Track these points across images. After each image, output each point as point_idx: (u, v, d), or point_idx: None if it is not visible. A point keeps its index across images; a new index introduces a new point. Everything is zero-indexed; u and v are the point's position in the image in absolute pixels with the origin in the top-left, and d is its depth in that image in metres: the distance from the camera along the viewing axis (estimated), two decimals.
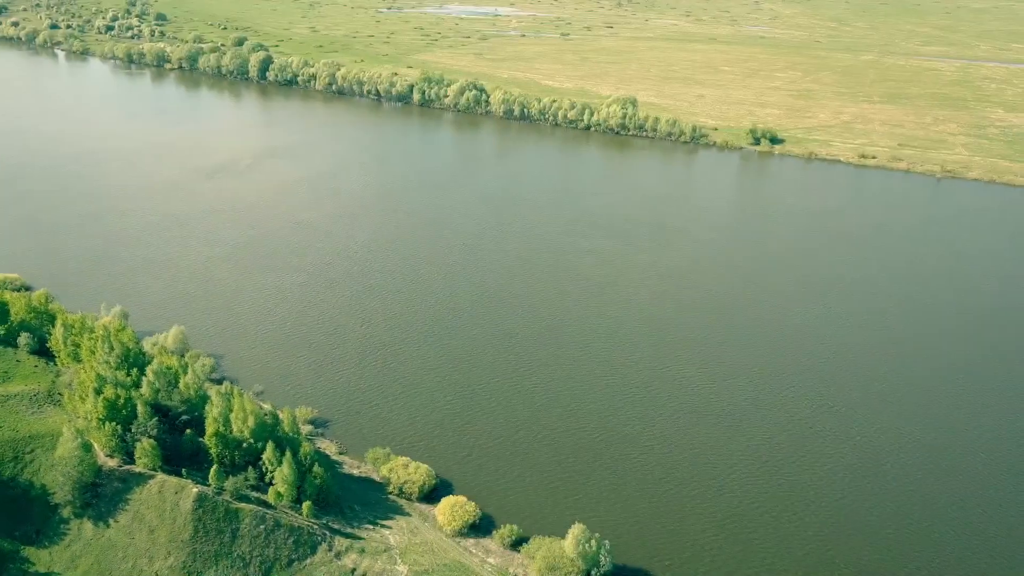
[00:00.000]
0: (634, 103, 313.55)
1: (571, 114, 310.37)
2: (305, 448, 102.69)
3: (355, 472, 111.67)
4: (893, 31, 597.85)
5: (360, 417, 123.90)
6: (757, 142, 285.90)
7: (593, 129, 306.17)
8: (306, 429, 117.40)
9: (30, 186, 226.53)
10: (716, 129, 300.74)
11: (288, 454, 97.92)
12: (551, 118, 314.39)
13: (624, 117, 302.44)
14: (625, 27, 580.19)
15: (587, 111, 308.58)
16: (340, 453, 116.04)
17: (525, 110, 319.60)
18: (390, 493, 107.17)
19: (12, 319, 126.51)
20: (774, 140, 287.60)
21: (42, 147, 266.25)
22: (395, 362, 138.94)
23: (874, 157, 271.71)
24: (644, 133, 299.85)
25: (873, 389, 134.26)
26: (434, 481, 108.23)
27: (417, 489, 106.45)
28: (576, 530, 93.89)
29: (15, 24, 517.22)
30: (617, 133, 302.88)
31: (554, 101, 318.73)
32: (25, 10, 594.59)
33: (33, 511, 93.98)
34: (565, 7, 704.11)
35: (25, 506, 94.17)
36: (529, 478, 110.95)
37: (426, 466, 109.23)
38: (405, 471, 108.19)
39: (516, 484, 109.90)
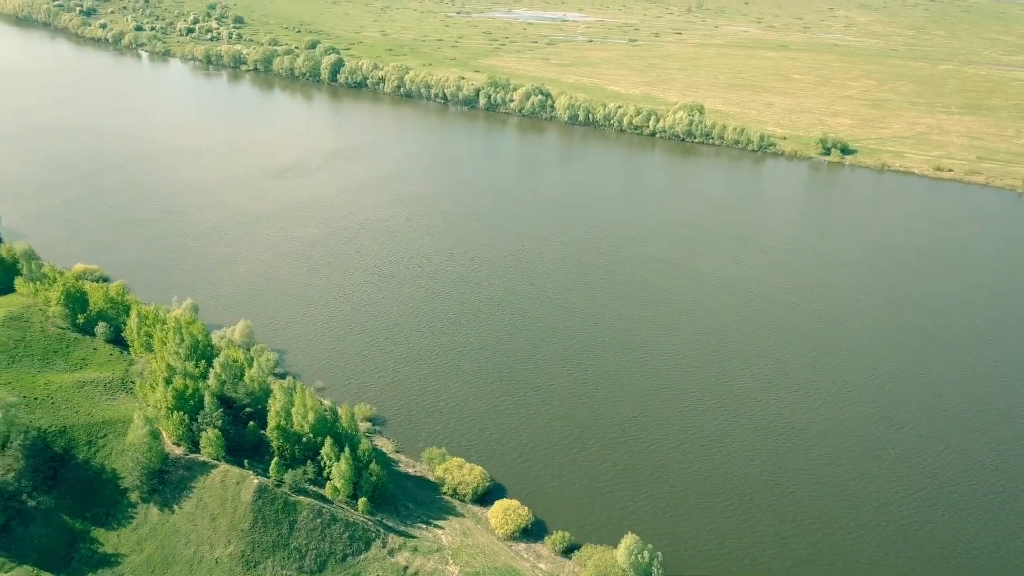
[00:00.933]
0: (701, 110, 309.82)
1: (636, 120, 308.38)
2: (363, 445, 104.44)
3: (410, 471, 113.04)
4: (974, 40, 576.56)
5: (417, 416, 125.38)
6: (827, 152, 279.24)
7: (658, 136, 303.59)
8: (364, 426, 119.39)
9: (113, 181, 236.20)
10: (785, 138, 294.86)
11: (346, 450, 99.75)
12: (616, 124, 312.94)
13: (690, 124, 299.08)
14: (694, 33, 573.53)
15: (652, 117, 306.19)
16: (396, 451, 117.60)
17: (590, 115, 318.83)
18: (444, 493, 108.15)
19: (91, 309, 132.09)
20: (845, 150, 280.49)
21: (125, 144, 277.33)
22: (454, 363, 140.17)
23: (951, 170, 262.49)
24: (710, 141, 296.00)
25: (944, 411, 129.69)
26: (488, 483, 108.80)
27: (471, 491, 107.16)
28: (629, 540, 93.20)
29: (103, 26, 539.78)
30: (682, 140, 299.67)
31: (619, 107, 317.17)
32: (112, 12, 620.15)
33: (104, 494, 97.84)
34: (633, 13, 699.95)
35: (97, 488, 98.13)
36: (583, 485, 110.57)
37: (480, 468, 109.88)
38: (460, 472, 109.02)
39: (569, 490, 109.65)
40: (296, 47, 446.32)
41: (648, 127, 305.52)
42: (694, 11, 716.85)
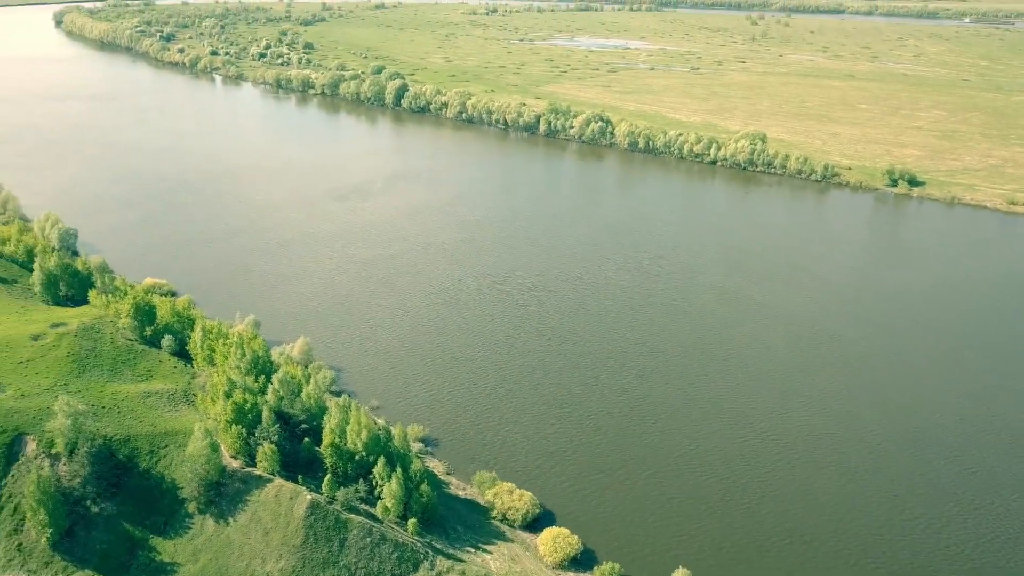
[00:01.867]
0: (763, 139, 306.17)
1: (697, 148, 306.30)
2: (415, 465, 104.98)
3: (460, 494, 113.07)
4: None
5: (469, 439, 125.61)
6: (894, 184, 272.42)
7: (719, 164, 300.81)
8: (416, 447, 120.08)
9: (184, 199, 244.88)
10: (850, 168, 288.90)
11: (398, 470, 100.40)
12: (676, 151, 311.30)
13: (752, 153, 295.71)
14: (758, 62, 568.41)
15: (714, 145, 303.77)
16: (447, 473, 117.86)
17: (650, 142, 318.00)
18: (493, 518, 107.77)
19: (158, 322, 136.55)
20: (913, 182, 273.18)
21: (198, 164, 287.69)
22: (508, 387, 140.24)
23: None
24: (772, 170, 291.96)
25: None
26: (538, 510, 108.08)
27: (520, 516, 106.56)
28: (679, 575, 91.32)
29: (181, 51, 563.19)
30: (744, 169, 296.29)
31: (680, 134, 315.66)
32: (190, 38, 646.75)
33: (163, 503, 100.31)
34: (696, 41, 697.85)
35: (157, 497, 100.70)
36: (634, 516, 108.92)
37: (530, 494, 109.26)
38: (510, 497, 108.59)
39: (620, 521, 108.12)
40: (362, 72, 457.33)
41: (709, 155, 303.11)
42: (758, 40, 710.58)
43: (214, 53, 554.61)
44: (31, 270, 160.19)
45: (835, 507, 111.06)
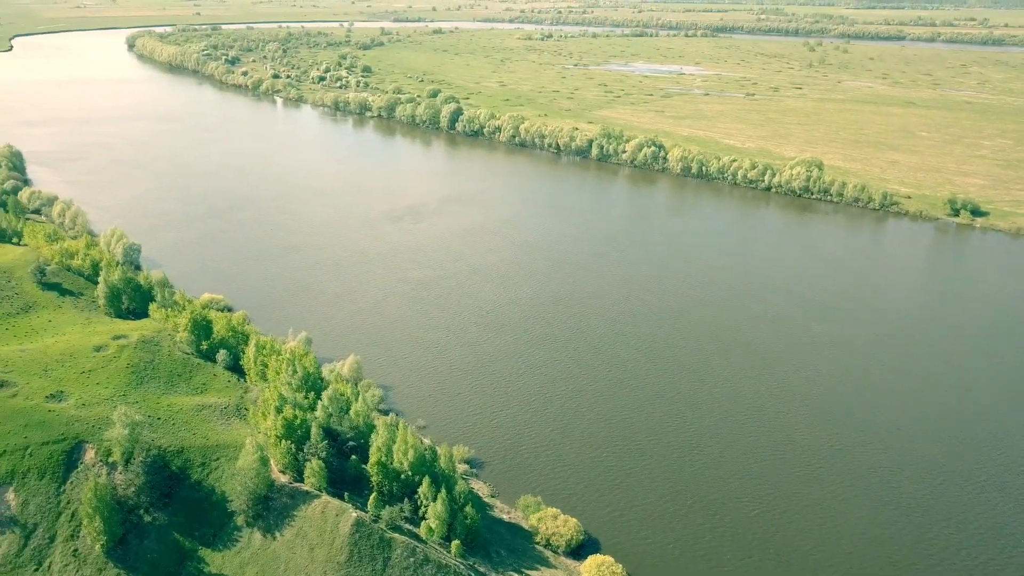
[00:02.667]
0: (820, 166, 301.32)
1: (751, 174, 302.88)
2: (460, 487, 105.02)
3: (504, 517, 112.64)
4: None
5: (515, 462, 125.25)
6: (956, 213, 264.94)
7: (774, 190, 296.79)
8: (462, 468, 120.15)
9: (244, 217, 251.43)
10: (909, 197, 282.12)
11: (443, 491, 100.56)
12: (730, 177, 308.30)
13: (808, 180, 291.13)
14: (815, 88, 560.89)
15: (768, 172, 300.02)
16: (492, 496, 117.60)
17: (703, 168, 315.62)
18: (537, 543, 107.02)
19: (214, 337, 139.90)
20: (976, 212, 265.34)
21: (257, 183, 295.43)
22: (554, 411, 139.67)
23: None
24: (828, 197, 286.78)
25: None
26: (582, 537, 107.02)
27: (564, 543, 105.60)
28: None
29: (244, 74, 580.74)
30: (799, 196, 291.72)
31: (734, 160, 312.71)
32: (254, 61, 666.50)
33: (212, 515, 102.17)
34: (752, 67, 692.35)
35: (207, 509, 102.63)
36: (681, 547, 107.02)
37: (575, 520, 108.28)
38: (554, 523, 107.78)
39: (667, 551, 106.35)
40: (418, 96, 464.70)
41: (763, 181, 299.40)
42: (815, 66, 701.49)
43: (276, 76, 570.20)
44: (96, 283, 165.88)
45: (894, 548, 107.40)
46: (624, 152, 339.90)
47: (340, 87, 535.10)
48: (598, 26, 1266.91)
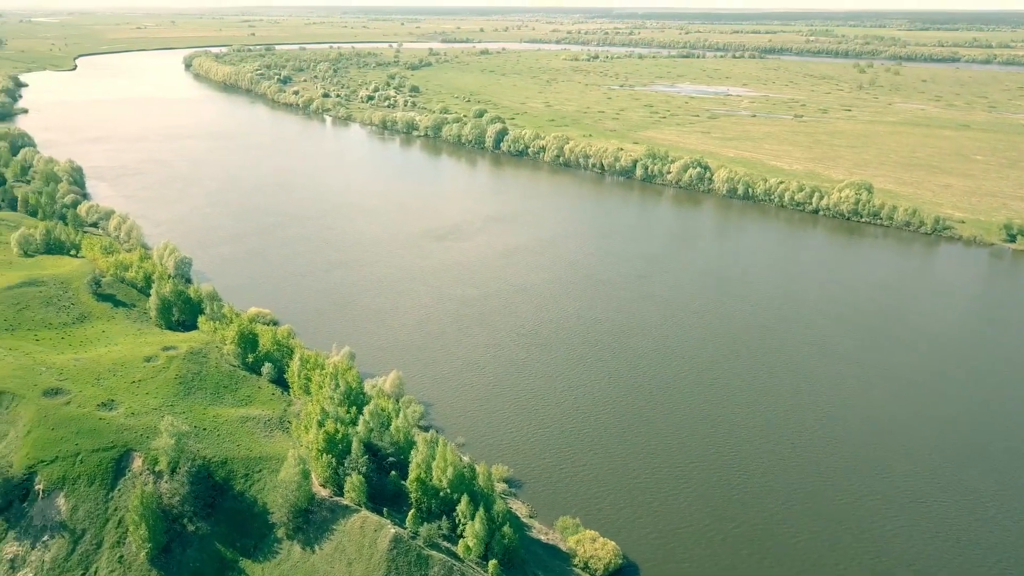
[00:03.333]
0: (869, 189, 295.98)
1: (799, 196, 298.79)
2: (498, 506, 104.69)
3: (542, 538, 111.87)
4: None
5: (554, 483, 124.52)
6: (1012, 239, 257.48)
7: (821, 213, 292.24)
8: (500, 487, 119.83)
9: (292, 233, 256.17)
10: (963, 222, 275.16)
11: (481, 509, 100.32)
12: (776, 199, 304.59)
13: (857, 203, 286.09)
14: (865, 110, 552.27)
15: (816, 194, 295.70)
16: (530, 516, 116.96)
17: (749, 190, 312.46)
18: (575, 566, 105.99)
19: (260, 349, 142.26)
20: None
21: (306, 200, 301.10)
22: (595, 432, 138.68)
23: None
24: (878, 221, 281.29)
25: None
26: (620, 560, 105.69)
27: (603, 566, 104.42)
28: None
29: (295, 93, 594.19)
30: (848, 219, 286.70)
31: (781, 182, 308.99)
32: (305, 81, 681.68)
33: (253, 526, 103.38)
34: (800, 88, 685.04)
35: (248, 520, 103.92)
36: (722, 575, 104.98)
37: (613, 544, 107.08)
38: (592, 545, 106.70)
39: None
40: (464, 116, 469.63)
41: (811, 204, 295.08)
42: (866, 88, 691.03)
43: (326, 95, 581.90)
44: (148, 295, 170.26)
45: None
46: (669, 173, 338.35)
47: (388, 106, 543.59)
48: (644, 47, 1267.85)
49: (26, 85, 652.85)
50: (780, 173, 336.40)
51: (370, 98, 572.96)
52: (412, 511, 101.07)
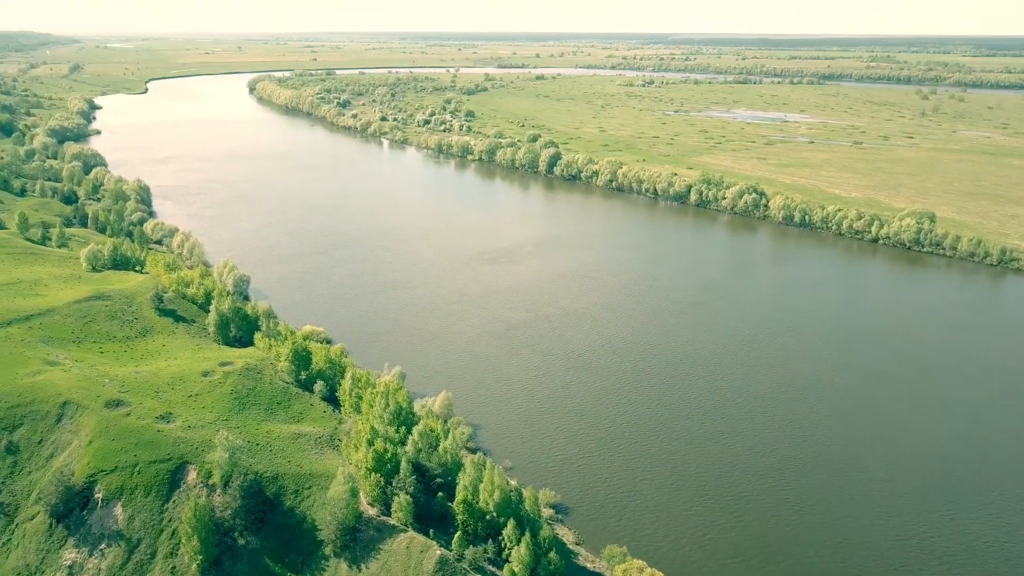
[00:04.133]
0: (932, 218, 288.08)
1: (857, 224, 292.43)
2: (544, 531, 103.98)
3: (589, 566, 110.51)
4: None
5: (601, 510, 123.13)
6: None
7: (881, 242, 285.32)
8: (547, 512, 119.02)
9: (348, 253, 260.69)
10: None
11: (527, 534, 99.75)
12: (834, 227, 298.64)
13: (919, 232, 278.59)
14: (928, 137, 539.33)
15: (876, 222, 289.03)
16: (576, 543, 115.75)
17: (806, 217, 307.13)
18: None
19: (313, 367, 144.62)
20: None
21: (362, 221, 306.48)
22: (644, 460, 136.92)
23: None
24: (941, 251, 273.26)
25: None
26: None
27: None
28: None
29: (354, 116, 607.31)
30: (908, 248, 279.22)
31: (839, 210, 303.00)
32: (363, 105, 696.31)
33: (302, 542, 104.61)
34: (860, 115, 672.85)
35: (297, 536, 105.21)
36: None
37: (661, 574, 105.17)
38: (640, 575, 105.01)
39: None
40: (518, 140, 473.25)
41: (870, 232, 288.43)
42: (928, 115, 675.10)
43: (383, 119, 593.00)
44: (208, 311, 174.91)
45: None
46: (724, 198, 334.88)
47: (444, 130, 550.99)
48: (700, 73, 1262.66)
49: (100, 107, 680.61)
50: (838, 200, 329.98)
51: (426, 122, 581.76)
52: (458, 533, 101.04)
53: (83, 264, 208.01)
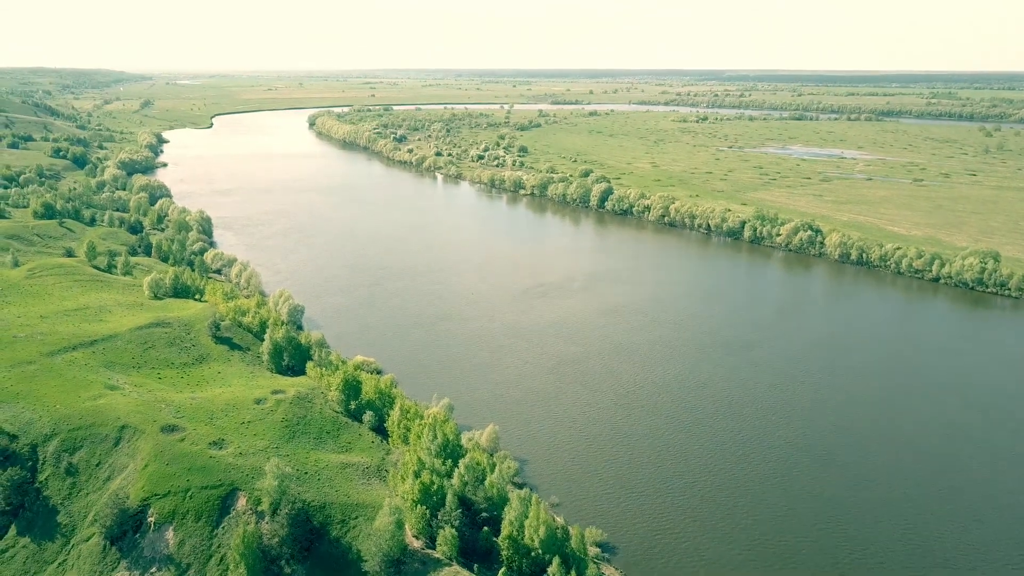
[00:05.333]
0: (996, 257, 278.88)
1: (917, 263, 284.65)
2: (591, 571, 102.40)
3: None
4: None
5: (648, 550, 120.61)
6: None
7: (943, 281, 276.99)
8: (593, 551, 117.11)
9: (403, 286, 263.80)
10: None
11: (573, 573, 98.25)
12: (893, 266, 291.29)
13: (982, 272, 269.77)
14: (992, 175, 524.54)
15: (936, 261, 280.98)
16: None
17: (864, 255, 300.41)
18: None
19: (362, 397, 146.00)
20: None
21: (417, 254, 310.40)
22: (694, 501, 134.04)
23: None
24: (1007, 292, 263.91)
25: None
26: None
27: None
28: None
29: (410, 151, 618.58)
30: (971, 288, 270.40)
31: (898, 248, 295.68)
32: (419, 140, 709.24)
33: (347, 573, 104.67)
34: (920, 152, 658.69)
35: (343, 567, 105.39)
36: None
37: None
38: None
39: None
40: (570, 175, 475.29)
41: (931, 271, 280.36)
42: (992, 152, 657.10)
43: (438, 154, 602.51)
44: (262, 339, 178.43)
45: None
46: (779, 235, 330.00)
47: (497, 165, 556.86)
48: (755, 109, 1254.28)
49: (167, 141, 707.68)
50: (897, 239, 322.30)
51: (480, 157, 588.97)
52: (503, 569, 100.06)
53: (145, 292, 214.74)
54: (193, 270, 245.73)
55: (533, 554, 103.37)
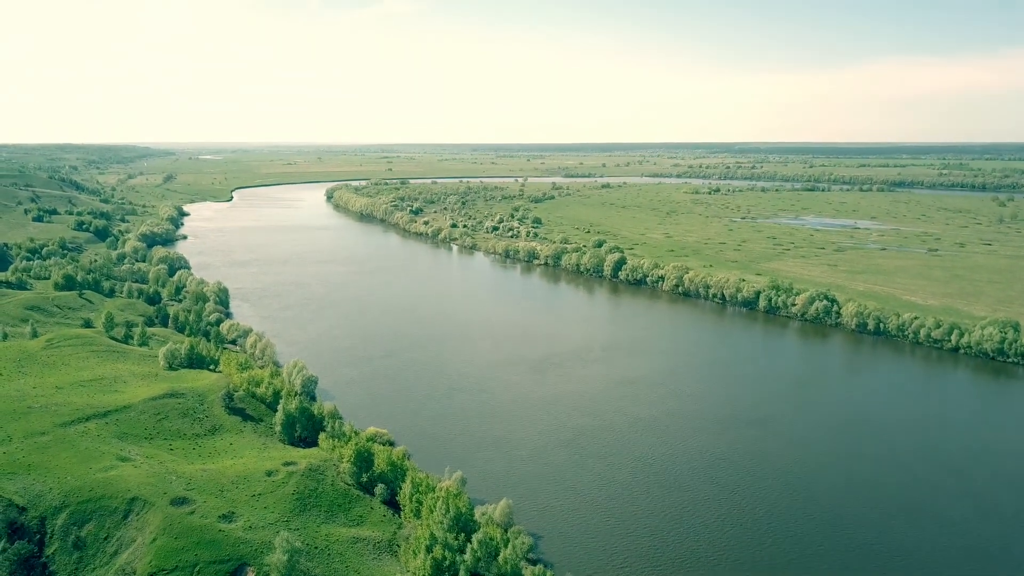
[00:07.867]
0: (1016, 327, 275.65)
1: (936, 333, 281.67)
2: None
3: None
4: None
5: None
6: None
7: (962, 351, 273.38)
8: None
9: (416, 356, 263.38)
10: None
11: None
12: (911, 335, 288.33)
13: (1002, 342, 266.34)
14: (1007, 244, 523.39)
15: (955, 331, 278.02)
16: None
17: (881, 324, 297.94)
18: None
19: (374, 469, 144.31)
20: None
21: (432, 324, 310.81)
22: None
23: None
24: None
25: None
26: None
27: None
28: None
29: (425, 223, 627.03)
30: (992, 359, 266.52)
31: (916, 317, 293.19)
32: (435, 212, 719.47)
33: None
34: (934, 222, 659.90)
35: None
36: None
37: None
38: None
39: None
40: (584, 245, 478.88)
41: (950, 341, 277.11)
42: (1007, 221, 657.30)
43: (454, 226, 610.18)
44: (275, 410, 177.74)
45: None
46: (794, 305, 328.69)
47: (511, 236, 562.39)
48: (767, 180, 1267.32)
49: (188, 214, 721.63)
50: (914, 308, 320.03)
51: (494, 228, 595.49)
52: None
53: (160, 362, 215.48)
54: (209, 340, 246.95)
55: None
